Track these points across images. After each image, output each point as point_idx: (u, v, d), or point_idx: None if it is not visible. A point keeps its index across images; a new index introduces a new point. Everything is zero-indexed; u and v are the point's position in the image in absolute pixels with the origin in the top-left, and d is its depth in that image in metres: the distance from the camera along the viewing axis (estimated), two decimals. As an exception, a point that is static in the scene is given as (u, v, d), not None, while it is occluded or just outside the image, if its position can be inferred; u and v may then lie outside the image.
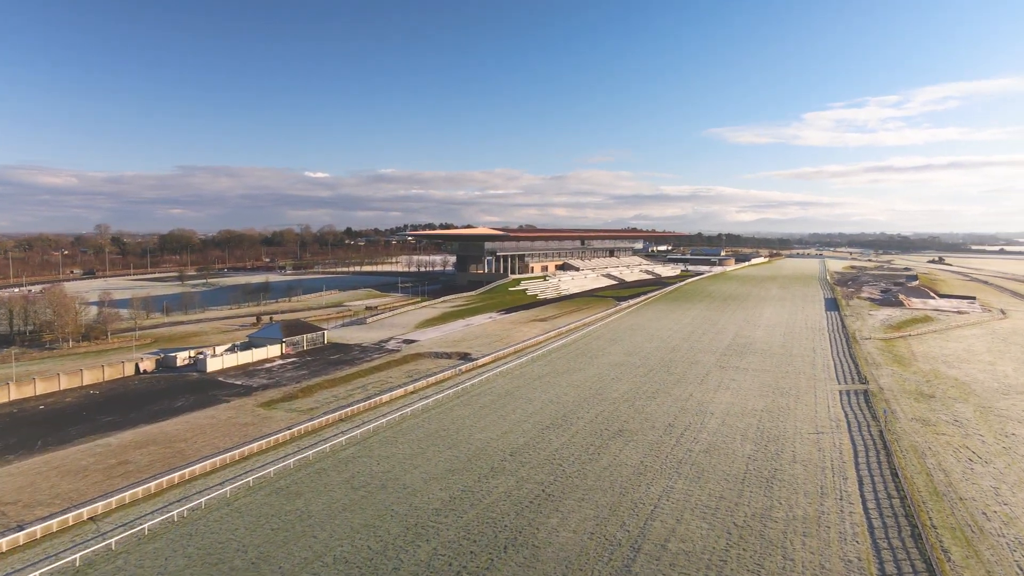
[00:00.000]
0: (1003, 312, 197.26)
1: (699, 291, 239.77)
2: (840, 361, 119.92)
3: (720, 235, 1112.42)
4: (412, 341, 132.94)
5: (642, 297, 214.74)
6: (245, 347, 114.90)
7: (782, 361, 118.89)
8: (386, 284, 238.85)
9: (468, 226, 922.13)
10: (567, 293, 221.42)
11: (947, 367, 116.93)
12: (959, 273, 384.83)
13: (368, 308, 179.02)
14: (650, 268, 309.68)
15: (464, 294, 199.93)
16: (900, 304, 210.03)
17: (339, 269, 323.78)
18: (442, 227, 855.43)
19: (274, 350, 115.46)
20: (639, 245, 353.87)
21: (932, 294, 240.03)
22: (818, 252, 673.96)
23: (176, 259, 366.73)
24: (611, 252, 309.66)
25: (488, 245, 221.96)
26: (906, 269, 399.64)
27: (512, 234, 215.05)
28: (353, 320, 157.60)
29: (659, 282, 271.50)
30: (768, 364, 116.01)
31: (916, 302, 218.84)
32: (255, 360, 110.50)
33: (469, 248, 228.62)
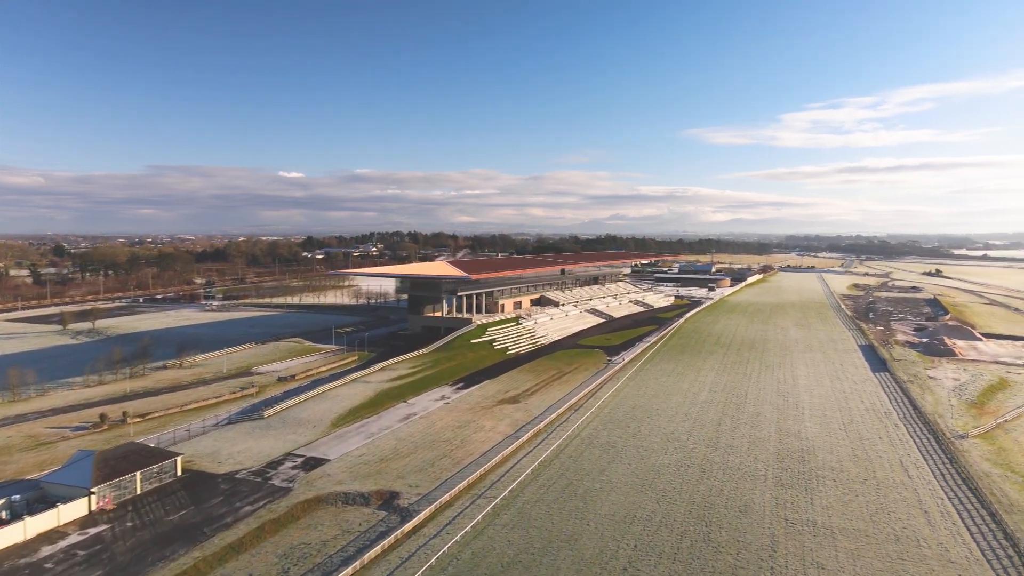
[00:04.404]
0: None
1: (704, 334, 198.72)
2: (956, 495, 79.30)
3: (701, 240, 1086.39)
4: (318, 463, 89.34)
5: (638, 347, 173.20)
6: (23, 508, 70.38)
7: (873, 503, 77.56)
8: (322, 330, 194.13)
9: (437, 235, 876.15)
10: (545, 342, 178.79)
11: (1117, 506, 77.14)
12: (969, 292, 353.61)
13: (281, 379, 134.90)
14: (639, 297, 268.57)
15: (413, 354, 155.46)
16: (950, 351, 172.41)
17: (274, 301, 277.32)
18: (409, 237, 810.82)
19: (75, 509, 71.19)
20: (626, 271, 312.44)
21: (975, 332, 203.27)
22: (808, 265, 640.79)
23: (93, 282, 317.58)
24: (595, 279, 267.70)
25: (447, 286, 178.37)
26: (914, 288, 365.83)
27: (475, 276, 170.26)
28: (249, 409, 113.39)
29: (653, 319, 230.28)
30: (856, 513, 74.58)
31: (963, 346, 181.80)
32: (28, 538, 66.22)
33: (424, 287, 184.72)
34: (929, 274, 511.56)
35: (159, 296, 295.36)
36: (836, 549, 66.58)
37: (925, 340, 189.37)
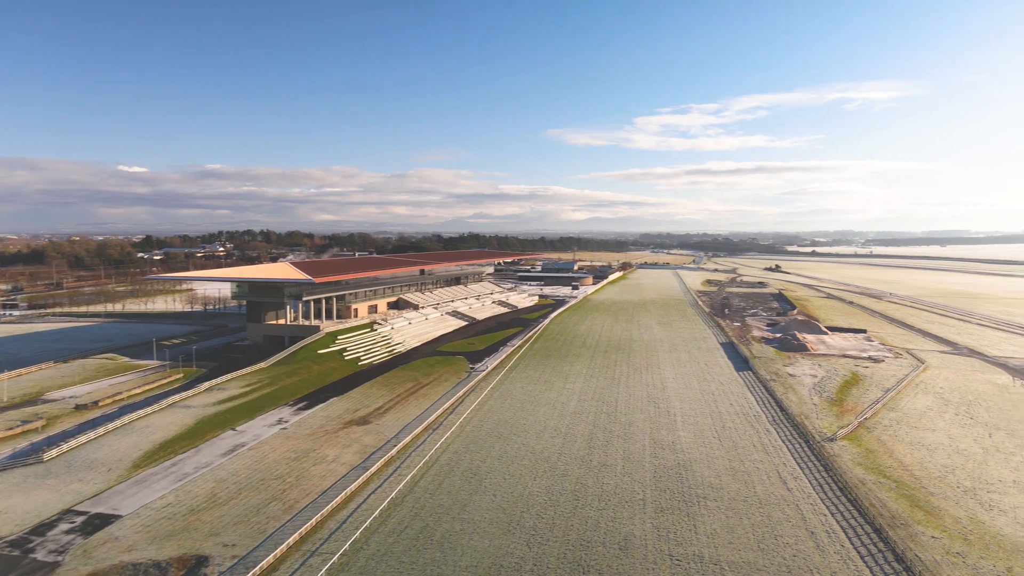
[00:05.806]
0: (911, 354, 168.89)
1: (570, 336, 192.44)
2: (838, 510, 74.50)
3: (562, 238, 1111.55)
4: (105, 521, 70.51)
5: (502, 352, 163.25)
6: None
7: (759, 526, 70.93)
8: (145, 343, 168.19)
9: (292, 234, 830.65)
10: (403, 350, 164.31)
11: (984, 509, 75.56)
12: (807, 286, 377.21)
13: (80, 407, 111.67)
14: (503, 297, 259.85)
15: (248, 369, 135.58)
16: (802, 347, 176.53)
17: (92, 309, 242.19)
18: (262, 236, 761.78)
19: None
20: (490, 270, 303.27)
21: (821, 327, 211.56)
22: (663, 263, 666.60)
23: None
24: (457, 279, 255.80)
25: (290, 291, 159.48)
26: (761, 284, 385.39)
27: (320, 279, 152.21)
28: (26, 451, 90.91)
29: (518, 320, 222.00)
30: (743, 541, 67.43)
31: (813, 340, 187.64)
32: None
33: (264, 292, 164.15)
34: (770, 269, 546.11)
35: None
36: (728, 591, 58.51)
37: (779, 335, 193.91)
